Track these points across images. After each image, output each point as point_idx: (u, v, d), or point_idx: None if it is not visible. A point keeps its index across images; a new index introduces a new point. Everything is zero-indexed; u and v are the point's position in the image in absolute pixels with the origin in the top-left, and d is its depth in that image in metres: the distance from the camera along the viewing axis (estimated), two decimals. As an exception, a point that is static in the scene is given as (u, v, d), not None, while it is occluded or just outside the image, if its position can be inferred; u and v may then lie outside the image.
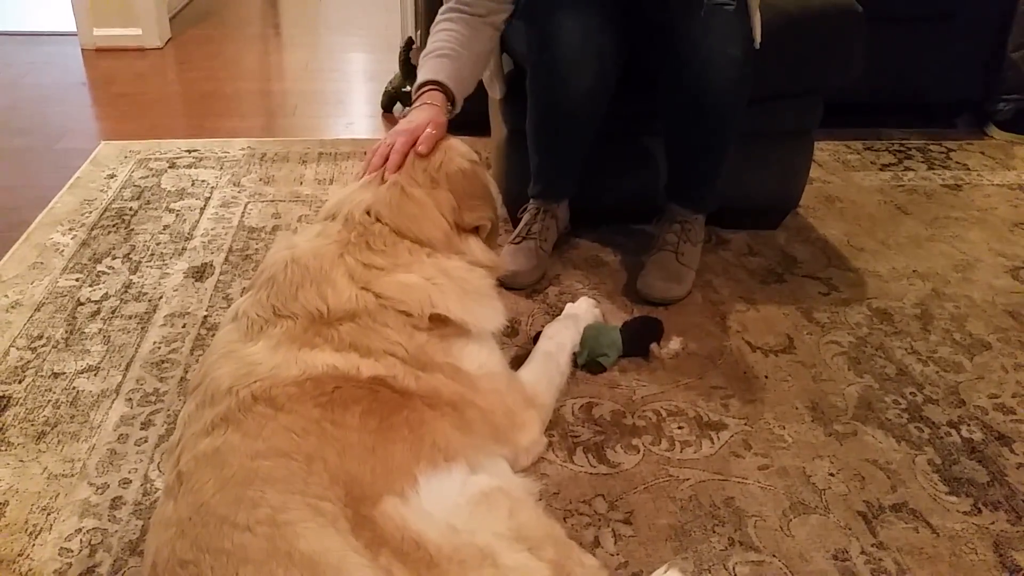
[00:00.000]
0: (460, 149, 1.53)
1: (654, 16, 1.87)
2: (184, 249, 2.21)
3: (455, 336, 1.34)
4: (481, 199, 1.50)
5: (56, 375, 1.73)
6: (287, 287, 1.25)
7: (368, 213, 1.36)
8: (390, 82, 3.27)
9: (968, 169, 2.85)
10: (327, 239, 1.33)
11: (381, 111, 3.31)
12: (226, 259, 2.17)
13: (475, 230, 1.49)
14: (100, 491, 1.44)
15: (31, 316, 1.91)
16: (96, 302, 1.97)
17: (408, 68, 3.16)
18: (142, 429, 1.59)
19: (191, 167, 2.70)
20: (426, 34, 2.76)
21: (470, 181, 1.48)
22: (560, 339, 1.72)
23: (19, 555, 1.32)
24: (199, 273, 2.10)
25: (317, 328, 1.21)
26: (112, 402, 1.65)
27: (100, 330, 1.87)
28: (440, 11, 1.88)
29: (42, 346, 1.81)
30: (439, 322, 1.31)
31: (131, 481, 1.47)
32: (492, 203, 1.55)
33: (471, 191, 1.47)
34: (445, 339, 1.31)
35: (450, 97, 1.71)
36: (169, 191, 2.53)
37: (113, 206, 2.42)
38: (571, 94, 1.88)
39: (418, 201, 1.40)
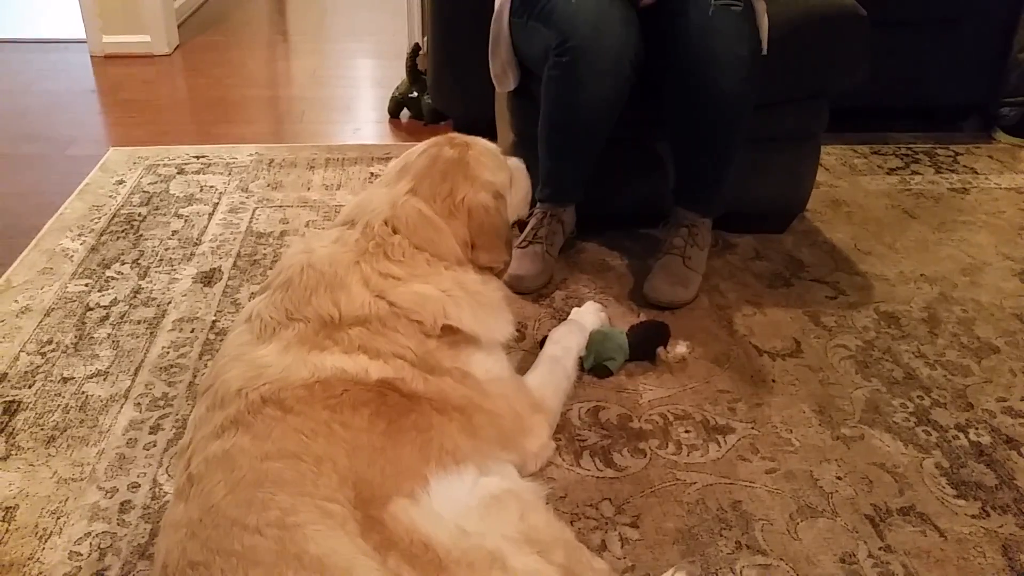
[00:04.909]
0: (485, 178, 1.46)
1: (668, 16, 1.87)
2: (192, 254, 2.22)
3: (464, 344, 1.34)
4: (499, 239, 1.46)
5: (65, 380, 1.74)
6: (301, 291, 1.26)
7: (386, 223, 1.35)
8: (397, 88, 3.28)
9: (975, 173, 2.85)
10: (344, 246, 1.33)
11: (388, 117, 3.32)
12: (234, 264, 2.18)
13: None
14: (109, 495, 1.45)
15: (41, 321, 1.92)
16: (105, 307, 1.98)
17: (415, 74, 3.17)
18: (151, 433, 1.59)
19: (199, 173, 2.71)
20: (433, 39, 2.78)
21: (491, 219, 1.44)
22: (566, 343, 1.72)
23: (29, 558, 1.33)
24: (207, 278, 2.11)
25: (328, 331, 1.22)
26: (121, 407, 1.66)
27: (109, 335, 1.88)
28: None
29: (52, 351, 1.82)
30: (450, 331, 1.31)
31: (140, 485, 1.47)
32: (510, 245, 1.52)
33: (489, 230, 1.43)
34: (454, 346, 1.32)
35: None
36: (178, 197, 2.54)
37: (122, 212, 2.44)
38: (588, 101, 1.88)
39: (435, 226, 1.37)
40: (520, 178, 1.68)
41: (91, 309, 1.97)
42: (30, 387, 1.71)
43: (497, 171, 1.51)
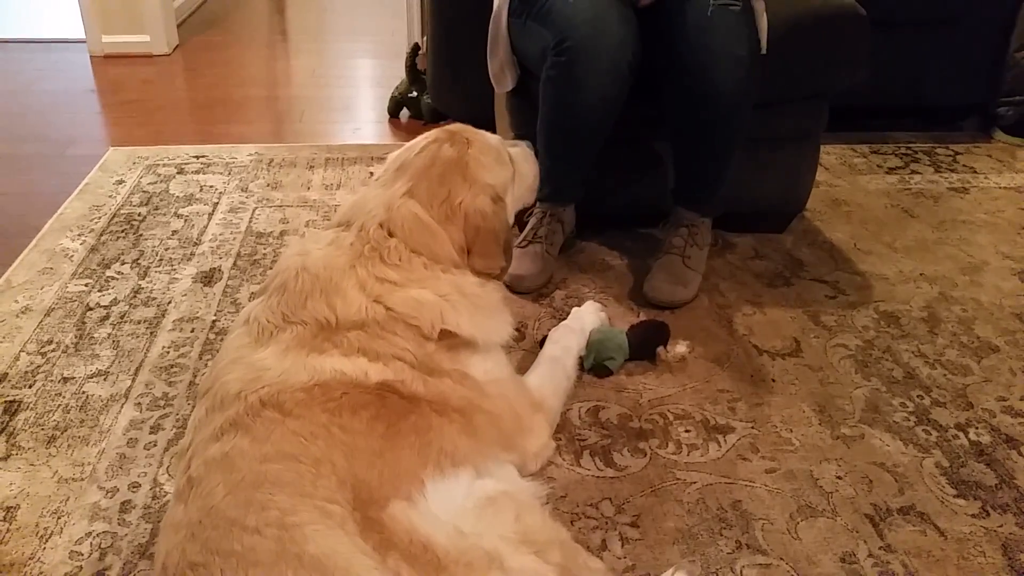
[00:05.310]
0: (484, 180, 1.43)
1: (666, 16, 1.87)
2: (192, 254, 2.22)
3: (462, 347, 1.33)
4: (495, 245, 1.42)
5: (66, 380, 1.74)
6: (297, 295, 1.25)
7: (382, 227, 1.33)
8: (396, 88, 3.28)
9: (975, 172, 2.85)
10: (339, 249, 1.31)
11: (388, 117, 3.32)
12: (234, 264, 2.18)
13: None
14: (110, 495, 1.45)
15: (41, 321, 1.92)
16: (105, 307, 1.98)
17: (415, 74, 3.17)
18: (151, 433, 1.59)
19: (199, 173, 2.71)
20: (432, 39, 2.78)
21: (488, 224, 1.40)
22: (566, 343, 1.72)
23: (30, 558, 1.33)
24: (207, 278, 2.11)
25: (326, 334, 1.21)
26: (121, 406, 1.66)
27: (109, 335, 1.88)
28: None
29: (52, 351, 1.82)
30: (448, 336, 1.31)
31: (140, 485, 1.48)
32: (509, 249, 1.48)
33: (486, 236, 1.40)
34: (452, 349, 1.31)
35: None
36: (177, 197, 2.54)
37: (122, 212, 2.44)
38: (587, 101, 1.88)
39: (432, 231, 1.35)
40: (525, 166, 1.64)
41: (91, 309, 1.97)
42: (30, 387, 1.72)
43: (498, 170, 1.48)
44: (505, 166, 1.52)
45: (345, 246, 1.31)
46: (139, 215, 2.42)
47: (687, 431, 1.63)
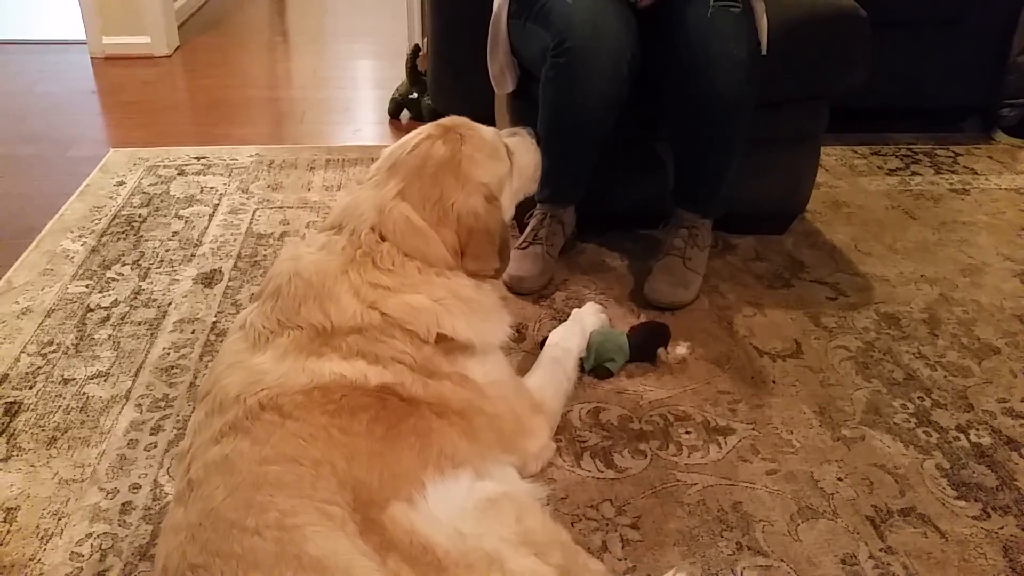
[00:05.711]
0: (478, 179, 1.40)
1: (667, 17, 1.87)
2: (193, 255, 2.22)
3: (460, 350, 1.33)
4: (490, 246, 1.39)
5: (66, 381, 1.74)
6: (290, 301, 1.24)
7: (373, 230, 1.31)
8: (397, 89, 3.28)
9: (975, 173, 2.85)
10: (331, 254, 1.29)
11: (388, 118, 3.33)
12: (235, 265, 2.18)
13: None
14: (110, 496, 1.45)
15: (41, 322, 1.92)
16: (106, 308, 1.98)
17: (415, 75, 3.17)
18: (151, 434, 1.59)
19: (200, 174, 2.71)
20: (432, 41, 2.78)
21: (481, 225, 1.37)
22: (567, 344, 1.72)
23: (31, 559, 1.33)
24: (208, 279, 2.11)
25: (324, 339, 1.21)
26: (122, 408, 1.66)
27: (110, 336, 1.88)
28: None
29: (52, 352, 1.82)
30: (444, 339, 1.30)
31: (141, 486, 1.47)
32: (506, 249, 1.45)
33: (479, 237, 1.37)
34: (450, 353, 1.31)
35: None
36: (178, 198, 2.54)
37: (122, 213, 2.44)
38: (586, 102, 1.88)
39: (424, 234, 1.33)
40: (524, 157, 1.60)
41: (92, 310, 1.97)
42: (31, 388, 1.72)
43: (492, 167, 1.45)
44: (501, 161, 1.49)
45: (337, 251, 1.29)
46: (140, 216, 2.43)
47: (687, 433, 1.63)
